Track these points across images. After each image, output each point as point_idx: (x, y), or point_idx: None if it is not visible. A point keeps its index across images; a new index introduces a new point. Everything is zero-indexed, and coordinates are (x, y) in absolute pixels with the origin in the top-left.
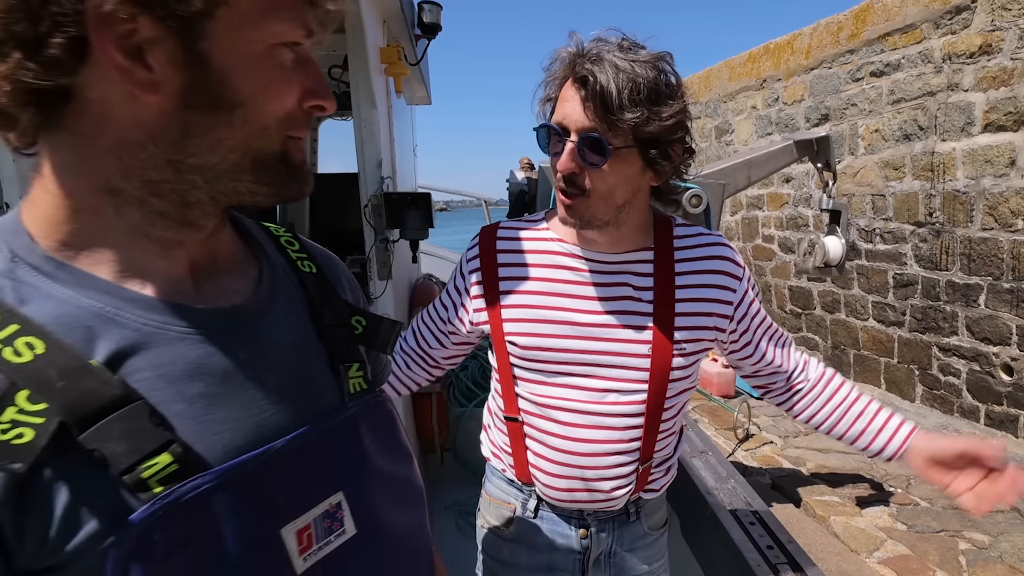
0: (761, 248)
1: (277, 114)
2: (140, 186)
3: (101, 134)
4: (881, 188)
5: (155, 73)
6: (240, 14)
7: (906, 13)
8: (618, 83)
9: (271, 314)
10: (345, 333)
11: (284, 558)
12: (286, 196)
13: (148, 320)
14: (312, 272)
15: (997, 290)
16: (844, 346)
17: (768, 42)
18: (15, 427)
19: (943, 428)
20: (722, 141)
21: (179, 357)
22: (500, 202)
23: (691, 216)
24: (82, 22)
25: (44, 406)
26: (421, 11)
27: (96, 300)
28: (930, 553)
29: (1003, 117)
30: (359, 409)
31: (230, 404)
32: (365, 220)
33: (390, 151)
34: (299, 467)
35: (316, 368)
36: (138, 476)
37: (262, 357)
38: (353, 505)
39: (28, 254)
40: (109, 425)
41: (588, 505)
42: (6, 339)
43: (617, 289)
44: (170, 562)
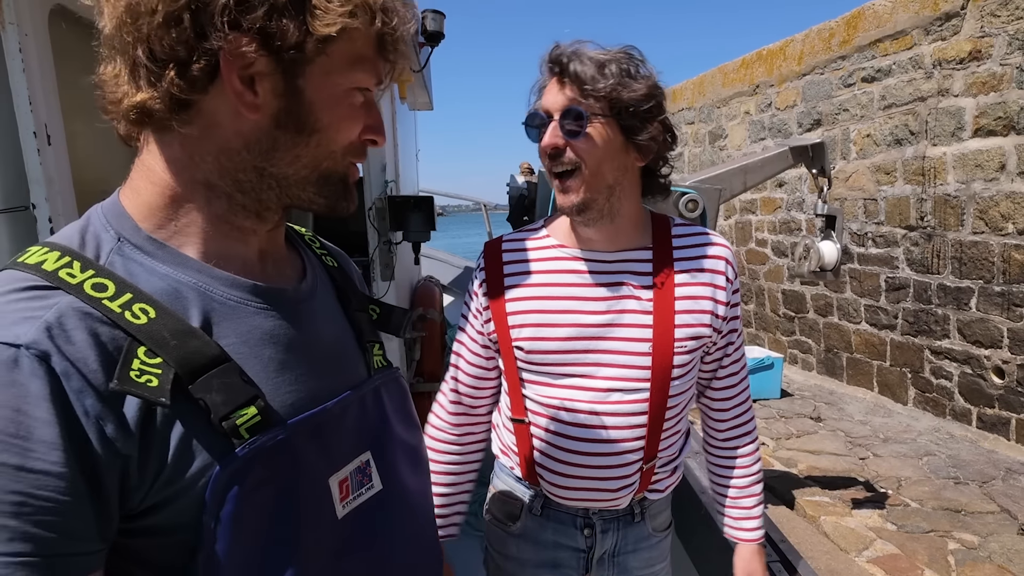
0: (754, 252)
1: (343, 143)
2: (230, 183)
3: (207, 139)
4: (873, 192)
5: (259, 98)
6: (333, 62)
7: (897, 20)
8: (593, 61)
9: (316, 298)
10: (367, 318)
11: (330, 504)
12: (337, 209)
13: (232, 295)
14: (335, 266)
15: (988, 293)
16: (837, 349)
17: (761, 48)
18: (143, 375)
19: (935, 430)
20: (716, 146)
21: (256, 327)
22: (499, 207)
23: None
24: (218, 54)
25: (159, 360)
26: (425, 19)
27: (190, 276)
28: (919, 553)
29: (993, 122)
30: (382, 382)
31: (294, 369)
32: (369, 222)
33: (394, 156)
34: (341, 427)
35: (349, 345)
36: (233, 423)
37: (314, 332)
38: (378, 463)
39: (133, 235)
40: (210, 379)
41: (593, 504)
42: (124, 304)
43: (617, 288)
44: (254, 495)
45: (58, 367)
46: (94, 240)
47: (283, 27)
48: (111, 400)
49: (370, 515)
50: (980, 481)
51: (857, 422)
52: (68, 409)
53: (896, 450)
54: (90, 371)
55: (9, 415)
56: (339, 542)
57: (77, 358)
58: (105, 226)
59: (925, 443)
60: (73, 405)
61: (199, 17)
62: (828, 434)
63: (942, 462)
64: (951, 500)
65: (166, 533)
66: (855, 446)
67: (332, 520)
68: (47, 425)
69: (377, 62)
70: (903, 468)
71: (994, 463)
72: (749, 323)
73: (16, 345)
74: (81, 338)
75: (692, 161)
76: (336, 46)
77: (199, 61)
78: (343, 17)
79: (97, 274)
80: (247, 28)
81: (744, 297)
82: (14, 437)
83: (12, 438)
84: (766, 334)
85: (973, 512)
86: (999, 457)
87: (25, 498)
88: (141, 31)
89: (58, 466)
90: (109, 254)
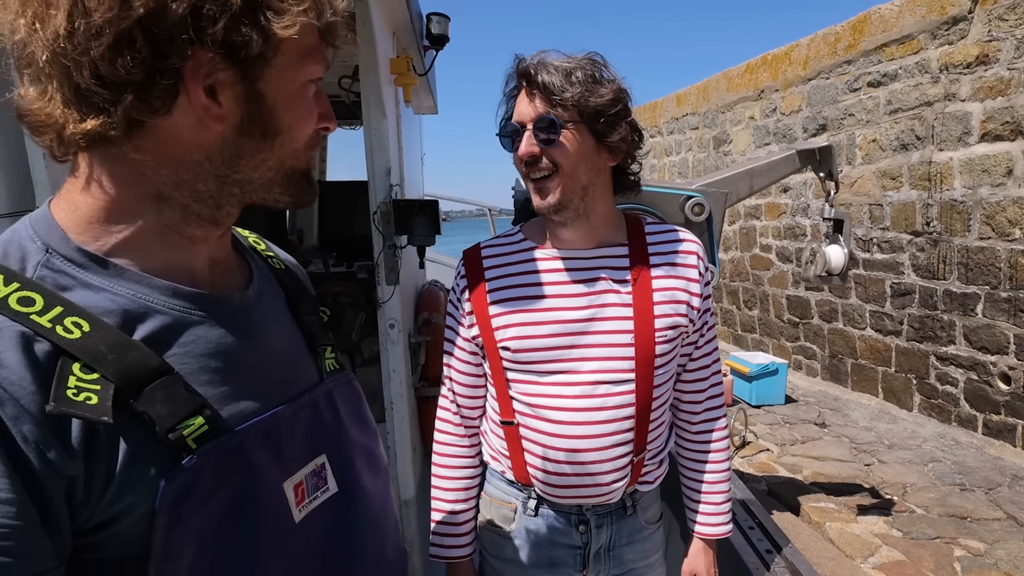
0: (759, 258)
1: (304, 138)
2: (187, 194)
3: (164, 152)
4: (878, 198)
5: (223, 108)
6: (287, 59)
7: (903, 24)
8: (560, 71)
9: (264, 303)
10: (318, 321)
11: (286, 508)
12: (302, 203)
13: (175, 305)
14: (283, 268)
15: (995, 299)
16: (842, 355)
17: (766, 53)
18: (80, 392)
19: (941, 437)
20: (720, 151)
21: (200, 337)
22: (503, 211)
23: (693, 224)
24: (181, 71)
25: (97, 375)
26: (430, 22)
27: (128, 288)
28: (925, 559)
29: (1000, 127)
30: (334, 385)
31: (242, 376)
32: (374, 226)
33: (399, 159)
34: (293, 431)
35: (299, 349)
36: (180, 434)
37: (262, 338)
38: (334, 466)
39: (62, 247)
40: (153, 391)
41: (586, 500)
42: (55, 318)
43: (596, 284)
44: (205, 505)
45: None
46: (19, 252)
47: (244, 36)
48: (49, 423)
49: (328, 517)
50: (986, 488)
51: (862, 428)
52: (7, 436)
53: (901, 456)
54: (25, 394)
55: None
56: (298, 546)
57: (11, 381)
58: (32, 237)
59: (931, 449)
60: (11, 432)
61: (153, 36)
62: (833, 440)
63: (948, 468)
64: (957, 507)
65: (118, 548)
66: (860, 452)
67: (290, 525)
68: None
69: (323, 50)
70: (908, 474)
71: (1000, 470)
72: (754, 329)
73: None
74: (12, 359)
75: (696, 166)
76: (288, 43)
77: (160, 81)
78: (300, 15)
79: (23, 287)
80: (209, 41)
81: (748, 303)
82: None
83: None
84: (771, 340)
85: (979, 519)
86: (1005, 464)
87: None
88: (84, 56)
89: (4, 492)
90: (36, 267)
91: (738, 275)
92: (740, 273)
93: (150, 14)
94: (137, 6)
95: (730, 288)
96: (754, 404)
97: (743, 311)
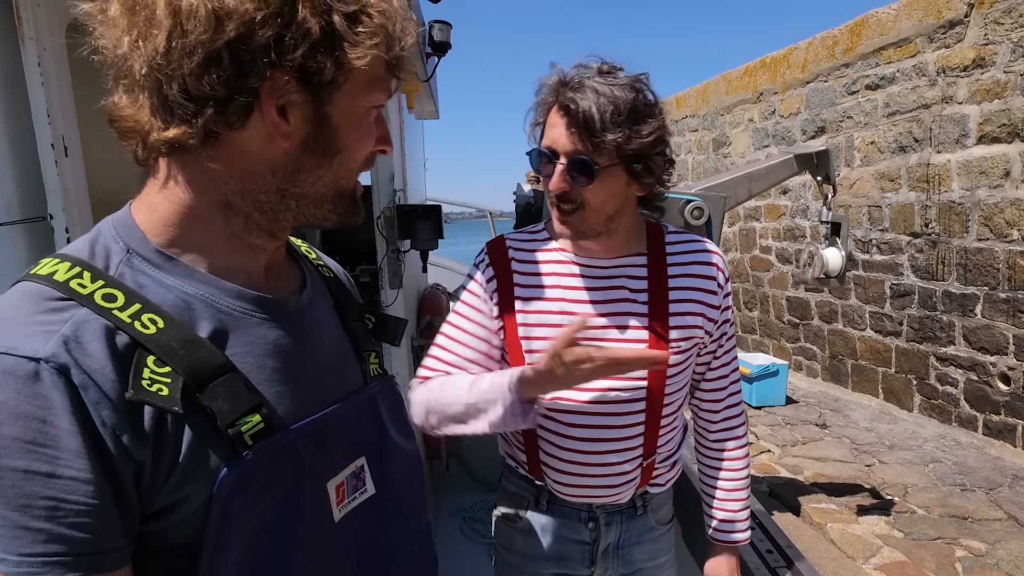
0: (759, 259)
1: (360, 159)
2: (251, 204)
3: (234, 163)
4: (877, 199)
5: (291, 126)
6: (355, 87)
7: (900, 27)
8: (599, 107)
9: (316, 309)
10: (363, 327)
11: (328, 507)
12: (348, 223)
13: (237, 306)
14: (332, 277)
15: (993, 300)
16: (842, 356)
17: (765, 56)
18: (153, 383)
19: (941, 437)
20: (719, 153)
21: (260, 338)
22: (504, 214)
23: (693, 228)
24: (259, 91)
25: (168, 369)
26: (432, 30)
27: (197, 288)
28: (926, 560)
29: (997, 129)
30: (378, 389)
31: (296, 378)
32: (378, 231)
33: (402, 165)
34: (339, 432)
35: (346, 354)
36: (238, 430)
37: (314, 342)
38: (372, 468)
39: (142, 248)
40: (217, 387)
41: (596, 499)
42: (134, 314)
43: (614, 292)
44: (258, 499)
45: (76, 379)
46: (103, 251)
47: (320, 63)
48: (126, 409)
49: (364, 519)
50: (987, 488)
51: (863, 429)
52: (88, 419)
53: (902, 457)
54: (106, 381)
55: (36, 426)
56: (335, 545)
57: (93, 369)
58: (115, 238)
59: (931, 450)
60: (92, 416)
61: (239, 57)
62: (834, 441)
63: (948, 469)
64: (958, 507)
65: (173, 535)
66: (861, 453)
67: (329, 523)
68: (71, 435)
69: (389, 80)
70: (909, 475)
71: (1000, 470)
72: (754, 330)
73: (36, 359)
74: (97, 349)
75: (696, 168)
76: (358, 71)
77: (240, 99)
78: (372, 48)
79: (107, 284)
80: (288, 66)
81: (749, 304)
82: (42, 447)
83: (41, 447)
84: (771, 341)
85: (980, 519)
86: (1005, 464)
87: (57, 503)
88: (176, 71)
89: (85, 472)
90: (118, 265)
91: (738, 276)
92: (740, 274)
93: (239, 38)
94: (229, 30)
95: None
96: (755, 405)
97: (743, 312)
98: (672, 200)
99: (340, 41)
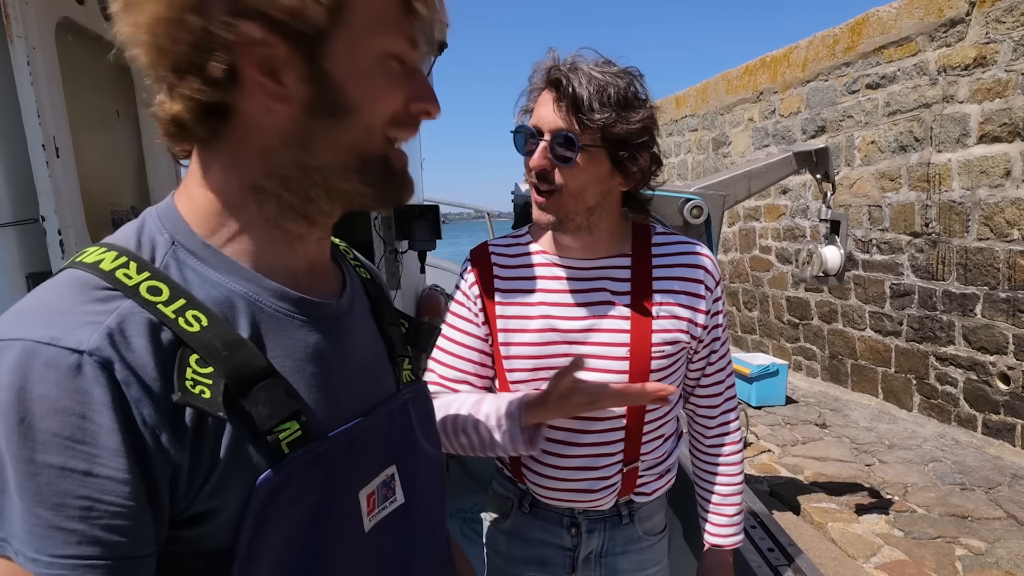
0: (758, 259)
1: (383, 118)
2: (277, 183)
3: (248, 140)
4: (877, 199)
5: (287, 88)
6: (353, 34)
7: (901, 26)
8: (590, 87)
9: (354, 312)
10: (398, 332)
11: (358, 516)
12: (388, 199)
13: (280, 307)
14: (369, 279)
15: (993, 299)
16: (841, 356)
17: (765, 55)
18: (196, 384)
19: (941, 436)
20: (719, 153)
21: (300, 341)
22: (503, 214)
23: (692, 227)
24: (234, 50)
25: (211, 370)
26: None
27: (242, 286)
28: (927, 559)
29: (998, 128)
30: (410, 396)
31: (333, 383)
32: (375, 232)
33: None
34: (372, 440)
35: (382, 359)
36: (276, 436)
37: (352, 347)
38: (402, 477)
39: (187, 240)
40: (258, 392)
41: (577, 504)
42: (179, 310)
43: (595, 295)
44: (293, 507)
45: (119, 375)
46: (149, 242)
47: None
48: (168, 409)
49: (393, 528)
50: (986, 487)
51: (862, 428)
52: (129, 417)
53: (902, 456)
54: (149, 379)
55: (75, 421)
56: (364, 554)
57: (137, 365)
58: (160, 229)
59: (931, 449)
60: (133, 413)
61: (203, 16)
62: (833, 441)
63: (948, 468)
64: (957, 506)
65: (205, 544)
66: (861, 452)
67: (359, 533)
68: (111, 432)
69: (404, 21)
70: (909, 474)
71: (1000, 469)
72: (754, 330)
73: (79, 351)
74: (141, 345)
75: (695, 168)
76: (353, 14)
77: (215, 59)
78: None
79: (152, 276)
80: (250, 14)
81: (748, 304)
82: (80, 443)
83: (79, 444)
84: (770, 341)
85: (980, 518)
86: (1005, 463)
87: (93, 503)
88: (163, 49)
89: (122, 472)
90: (164, 257)
91: (738, 276)
92: (740, 274)
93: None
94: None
95: (730, 289)
96: (755, 405)
97: (743, 312)
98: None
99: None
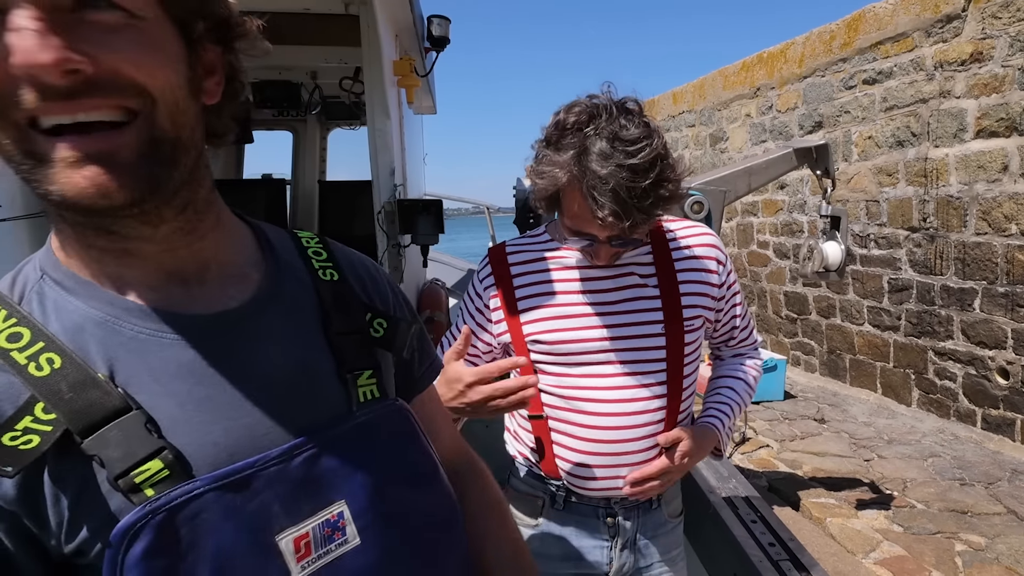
0: (756, 254)
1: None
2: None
3: None
4: (875, 194)
5: None
6: None
7: (897, 22)
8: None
9: (266, 319)
10: (357, 340)
11: (280, 564)
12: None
13: (144, 328)
14: (332, 280)
15: (992, 294)
16: (840, 351)
17: (762, 51)
18: (26, 434)
19: (940, 432)
20: (717, 148)
21: (169, 360)
22: (502, 210)
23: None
24: None
25: (54, 416)
26: (431, 25)
27: (100, 311)
28: (926, 554)
29: (995, 123)
30: (369, 418)
31: (220, 406)
32: (378, 226)
33: (402, 160)
34: (296, 476)
35: (322, 376)
36: (131, 480)
37: (254, 362)
38: (356, 515)
39: (53, 270)
40: (107, 433)
41: (615, 492)
42: (33, 355)
43: (625, 279)
44: (159, 560)
45: None
46: (23, 279)
47: None
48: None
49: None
50: (986, 482)
51: (861, 424)
52: None
53: (901, 451)
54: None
55: None
56: None
57: None
58: (35, 262)
59: (930, 444)
60: None
61: None
62: (832, 436)
63: (947, 463)
64: (957, 501)
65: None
66: (859, 448)
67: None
68: None
69: None
70: (908, 470)
71: (999, 464)
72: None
73: None
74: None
75: (693, 164)
76: None
77: None
78: None
79: (18, 323)
80: None
81: (746, 299)
82: None
83: None
84: (768, 336)
85: (979, 513)
86: (1004, 458)
87: None
88: None
89: None
90: (29, 292)
91: (736, 271)
92: (738, 269)
93: None
94: None
95: None
96: (753, 400)
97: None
98: None
99: None
